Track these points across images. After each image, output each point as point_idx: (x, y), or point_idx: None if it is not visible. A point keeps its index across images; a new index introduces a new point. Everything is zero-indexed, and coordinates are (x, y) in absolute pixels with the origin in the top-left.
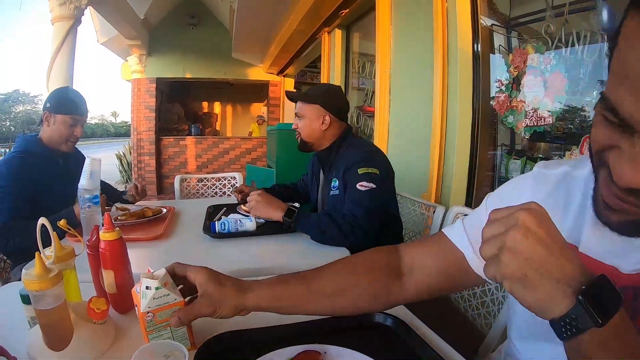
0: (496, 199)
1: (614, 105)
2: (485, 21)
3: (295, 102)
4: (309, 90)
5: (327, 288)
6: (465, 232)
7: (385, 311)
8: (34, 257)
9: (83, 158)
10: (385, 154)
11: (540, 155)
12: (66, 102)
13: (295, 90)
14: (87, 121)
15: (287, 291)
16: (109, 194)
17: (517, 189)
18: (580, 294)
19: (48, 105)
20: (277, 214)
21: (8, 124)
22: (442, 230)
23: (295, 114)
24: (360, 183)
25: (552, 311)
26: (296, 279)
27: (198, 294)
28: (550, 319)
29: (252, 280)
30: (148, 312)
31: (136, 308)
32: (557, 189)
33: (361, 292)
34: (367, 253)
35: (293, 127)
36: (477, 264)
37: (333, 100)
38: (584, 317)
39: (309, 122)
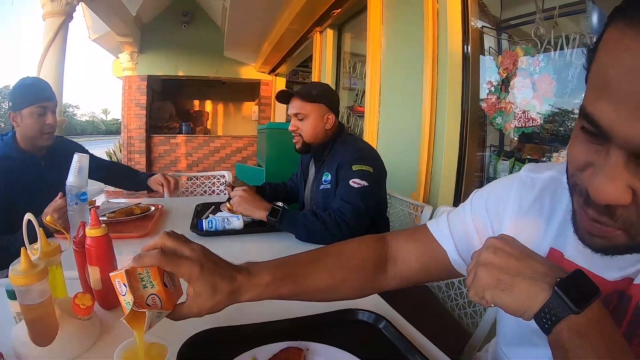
0: (482, 198)
1: (594, 118)
2: (475, 23)
3: (286, 102)
4: (305, 89)
5: (319, 285)
6: (450, 230)
7: (369, 309)
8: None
9: (74, 151)
10: None
11: (529, 157)
12: (26, 93)
13: (287, 89)
14: (78, 118)
15: (279, 291)
16: (130, 180)
17: (504, 191)
18: (556, 285)
19: (10, 104)
20: (260, 213)
21: None
22: (427, 224)
23: (295, 114)
24: (353, 180)
25: (532, 307)
26: (289, 279)
27: (187, 293)
28: (533, 315)
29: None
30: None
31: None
32: (543, 194)
33: (350, 286)
34: (358, 245)
35: (291, 128)
36: (459, 263)
37: (334, 100)
38: (561, 306)
39: (313, 122)
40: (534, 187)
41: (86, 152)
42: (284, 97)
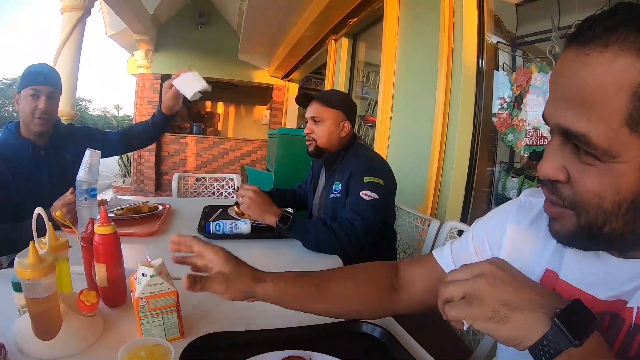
0: (483, 225)
1: (543, 114)
2: (490, 38)
3: (305, 106)
4: (325, 94)
5: (335, 293)
6: (452, 258)
7: (373, 321)
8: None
9: (85, 138)
10: None
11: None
12: (25, 76)
13: (308, 92)
14: (90, 112)
15: (297, 289)
16: (146, 134)
17: (503, 216)
18: (555, 317)
19: (16, 87)
20: (270, 219)
21: (11, 109)
22: (432, 252)
23: (312, 118)
24: (364, 191)
25: (529, 338)
26: (307, 280)
27: (213, 272)
28: (529, 346)
29: (266, 272)
30: (142, 299)
31: (132, 294)
32: (540, 217)
33: (363, 302)
34: (372, 267)
35: (306, 131)
36: None
37: (352, 108)
38: (560, 338)
39: (329, 127)
40: (531, 210)
41: (95, 131)
42: (303, 100)
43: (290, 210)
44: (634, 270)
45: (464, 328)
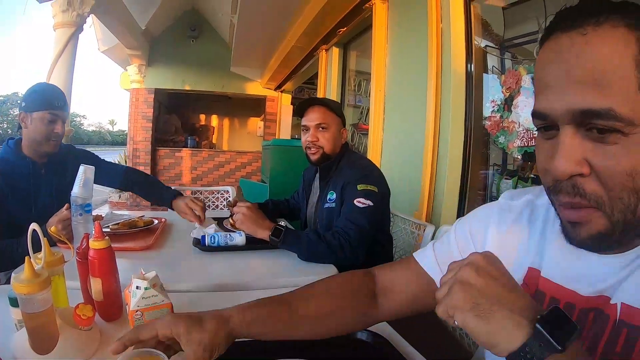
0: (465, 225)
1: (538, 111)
2: (479, 42)
3: (301, 114)
4: (326, 100)
5: (312, 312)
6: (435, 258)
7: (368, 328)
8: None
9: (81, 159)
10: None
11: (532, 176)
12: (41, 97)
13: (313, 97)
14: (85, 128)
15: (271, 314)
16: (149, 192)
17: (485, 217)
18: (537, 323)
19: (23, 104)
20: (263, 233)
21: (5, 126)
22: (413, 255)
23: (318, 125)
24: (357, 199)
25: (508, 342)
26: (279, 303)
27: (182, 345)
28: (507, 353)
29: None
30: (137, 311)
31: (127, 307)
32: (520, 217)
33: (343, 315)
34: (347, 277)
35: (311, 139)
36: None
37: (344, 117)
38: (544, 345)
39: (334, 134)
40: (511, 211)
41: (96, 158)
42: (304, 107)
43: (282, 223)
44: (614, 266)
45: (454, 323)
